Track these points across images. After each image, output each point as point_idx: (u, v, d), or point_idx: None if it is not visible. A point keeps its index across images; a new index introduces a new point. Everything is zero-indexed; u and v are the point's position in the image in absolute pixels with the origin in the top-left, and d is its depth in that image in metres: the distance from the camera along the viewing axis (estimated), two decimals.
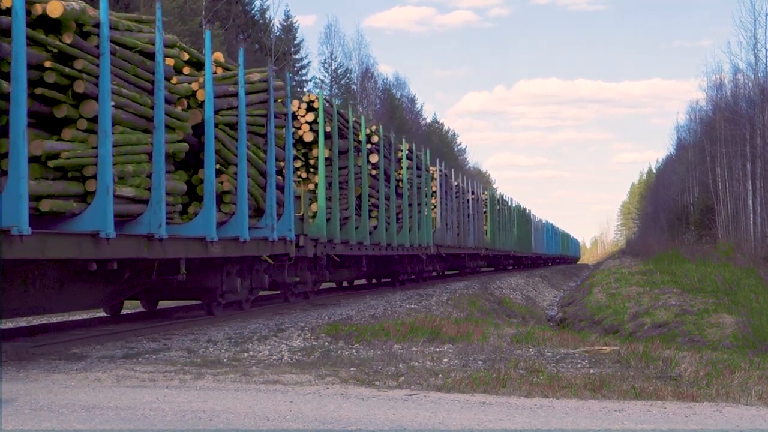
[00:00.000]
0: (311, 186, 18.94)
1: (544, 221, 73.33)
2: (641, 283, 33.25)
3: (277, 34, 63.94)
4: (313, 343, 10.91)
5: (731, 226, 56.12)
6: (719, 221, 58.99)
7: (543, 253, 69.89)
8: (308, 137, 19.34)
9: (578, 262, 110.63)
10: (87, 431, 6.04)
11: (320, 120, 19.17)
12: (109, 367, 8.83)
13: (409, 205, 25.91)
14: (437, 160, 32.02)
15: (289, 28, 66.21)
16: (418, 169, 27.50)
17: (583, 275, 60.55)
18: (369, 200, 21.94)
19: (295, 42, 66.46)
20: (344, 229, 20.02)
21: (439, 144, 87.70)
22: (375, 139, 22.88)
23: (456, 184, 34.56)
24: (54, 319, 14.55)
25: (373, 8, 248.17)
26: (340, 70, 72.77)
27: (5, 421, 6.24)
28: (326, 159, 19.28)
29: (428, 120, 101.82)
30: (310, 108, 19.45)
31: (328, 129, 19.46)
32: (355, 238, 20.50)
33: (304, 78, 65.71)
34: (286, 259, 16.06)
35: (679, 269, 36.43)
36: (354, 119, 21.68)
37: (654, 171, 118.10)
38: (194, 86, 13.06)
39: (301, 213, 17.17)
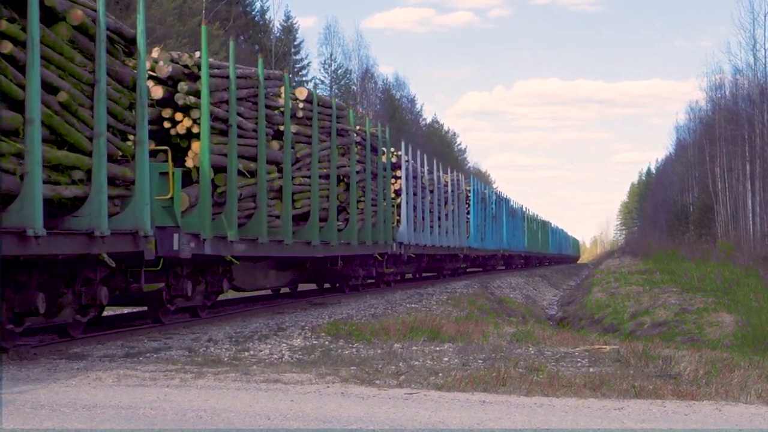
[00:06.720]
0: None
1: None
2: (641, 283, 33.24)
3: (277, 35, 63.90)
4: (314, 342, 10.93)
5: (731, 225, 56.19)
6: (719, 221, 59.09)
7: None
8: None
9: (578, 261, 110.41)
10: (88, 430, 6.05)
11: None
12: (110, 367, 8.84)
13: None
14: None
15: (289, 29, 66.16)
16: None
17: (583, 274, 60.52)
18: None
19: (295, 43, 66.46)
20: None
21: (440, 144, 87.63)
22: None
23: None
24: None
25: (373, 9, 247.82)
26: (339, 71, 72.81)
27: (6, 420, 6.25)
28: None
29: (428, 120, 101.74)
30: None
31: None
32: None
33: (304, 78, 65.67)
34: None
35: (679, 268, 36.45)
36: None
37: (654, 171, 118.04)
38: None
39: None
